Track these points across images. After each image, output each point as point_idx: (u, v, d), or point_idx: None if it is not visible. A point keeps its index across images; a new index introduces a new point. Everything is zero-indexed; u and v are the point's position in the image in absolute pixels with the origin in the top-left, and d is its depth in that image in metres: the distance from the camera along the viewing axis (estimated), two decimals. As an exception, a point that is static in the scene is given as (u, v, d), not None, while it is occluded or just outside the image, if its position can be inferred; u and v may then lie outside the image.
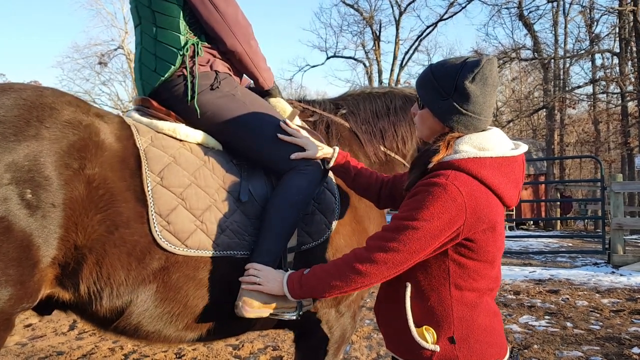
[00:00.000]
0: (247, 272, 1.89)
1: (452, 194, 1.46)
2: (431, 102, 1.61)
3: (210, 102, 2.12)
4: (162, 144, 1.97)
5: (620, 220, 8.63)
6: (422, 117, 1.68)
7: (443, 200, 1.46)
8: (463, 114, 1.56)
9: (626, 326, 5.00)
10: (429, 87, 1.61)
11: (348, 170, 2.12)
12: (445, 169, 1.54)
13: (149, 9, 2.10)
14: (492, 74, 1.56)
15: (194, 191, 1.94)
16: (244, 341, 4.55)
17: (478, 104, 1.55)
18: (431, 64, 1.65)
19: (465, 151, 1.55)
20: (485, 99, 1.56)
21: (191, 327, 1.98)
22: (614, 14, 21.15)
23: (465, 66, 1.54)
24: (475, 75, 1.53)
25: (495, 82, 1.58)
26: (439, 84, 1.58)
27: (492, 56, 1.58)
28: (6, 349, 4.33)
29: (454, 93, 1.55)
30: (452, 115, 1.58)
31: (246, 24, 2.18)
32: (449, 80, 1.56)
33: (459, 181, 1.49)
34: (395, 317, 1.63)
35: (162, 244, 1.82)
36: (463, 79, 1.53)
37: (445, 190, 1.47)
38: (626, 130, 22.08)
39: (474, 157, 1.53)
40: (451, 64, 1.58)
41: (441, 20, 28.00)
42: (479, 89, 1.54)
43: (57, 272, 1.71)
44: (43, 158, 1.62)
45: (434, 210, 1.46)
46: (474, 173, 1.51)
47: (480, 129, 1.60)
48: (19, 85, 1.77)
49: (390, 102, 2.73)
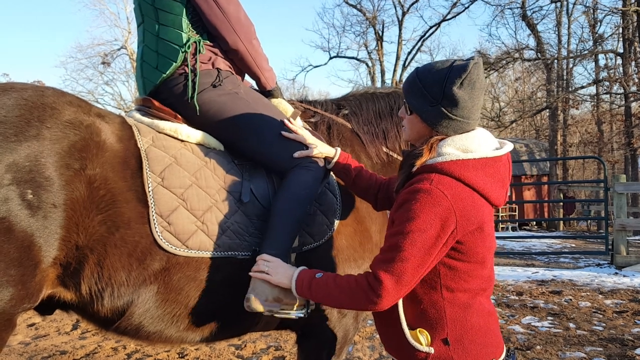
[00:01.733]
0: (257, 263, 1.88)
1: (438, 199, 1.47)
2: (419, 108, 1.61)
3: (212, 100, 2.12)
4: (163, 145, 1.97)
5: (623, 221, 8.60)
6: (411, 122, 1.68)
7: (430, 206, 1.46)
8: (452, 119, 1.57)
9: (629, 327, 4.98)
10: (416, 94, 1.61)
11: (349, 171, 2.13)
12: (429, 172, 1.55)
13: (152, 7, 2.11)
14: (479, 78, 1.56)
15: (195, 192, 1.94)
16: (246, 341, 4.55)
17: (467, 109, 1.56)
18: (417, 69, 1.65)
19: (448, 154, 1.56)
20: (474, 103, 1.57)
21: (192, 328, 1.98)
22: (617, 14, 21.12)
23: (452, 71, 1.54)
24: (464, 80, 1.53)
25: (483, 85, 1.58)
26: (426, 90, 1.58)
27: (478, 58, 1.58)
28: (9, 348, 4.34)
29: (442, 99, 1.55)
30: (441, 121, 1.58)
31: (248, 23, 2.18)
32: (436, 87, 1.55)
33: (442, 185, 1.49)
34: (390, 321, 1.63)
35: (162, 245, 1.82)
36: (451, 85, 1.53)
37: (430, 195, 1.47)
38: (629, 131, 22.02)
39: (457, 160, 1.54)
40: (437, 69, 1.58)
41: (444, 20, 28.01)
42: (467, 94, 1.54)
43: (58, 273, 1.71)
44: (44, 158, 1.62)
45: (425, 218, 1.46)
46: (457, 175, 1.52)
47: (468, 131, 1.60)
48: (20, 85, 1.77)
49: (393, 103, 2.72)
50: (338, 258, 2.21)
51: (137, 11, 2.21)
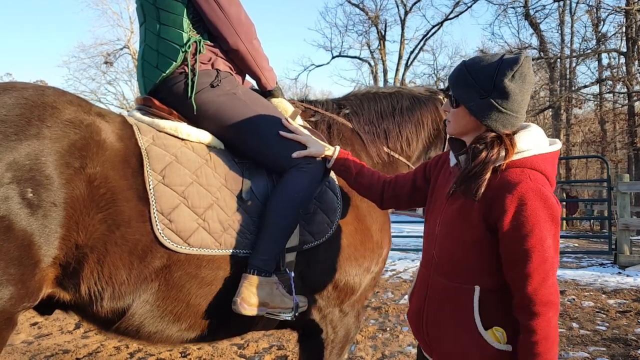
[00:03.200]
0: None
1: (546, 196, 1.45)
2: (468, 100, 1.57)
3: (211, 100, 2.12)
4: (163, 143, 1.97)
5: (626, 220, 8.57)
6: (457, 115, 1.63)
7: (545, 206, 1.44)
8: (502, 112, 1.53)
9: (633, 327, 4.97)
10: (464, 86, 1.57)
11: (349, 169, 2.11)
12: (518, 168, 1.51)
13: (154, 6, 2.12)
14: (529, 72, 1.54)
15: (196, 189, 1.94)
16: (248, 340, 4.55)
17: (516, 102, 1.53)
18: (464, 61, 1.62)
19: (529, 149, 1.54)
20: (523, 97, 1.54)
21: (194, 327, 1.98)
22: (621, 13, 21.02)
23: (504, 64, 1.51)
24: (515, 73, 1.50)
25: (532, 80, 1.56)
26: (476, 82, 1.54)
27: (528, 54, 1.56)
28: (12, 347, 4.35)
29: (492, 91, 1.52)
30: (490, 114, 1.54)
31: (249, 23, 2.18)
32: (487, 79, 1.53)
33: (541, 180, 1.48)
34: (455, 322, 1.57)
35: (164, 242, 1.82)
36: (502, 77, 1.50)
37: (541, 195, 1.44)
38: (633, 130, 21.93)
39: (539, 154, 1.54)
40: (488, 61, 1.55)
41: (447, 19, 27.92)
42: (518, 87, 1.52)
43: (58, 272, 1.71)
44: (44, 157, 1.62)
45: (545, 225, 1.43)
46: (542, 170, 1.51)
47: (516, 126, 1.58)
48: (20, 85, 1.77)
49: (396, 103, 2.72)
50: (339, 257, 2.21)
51: (140, 11, 2.22)
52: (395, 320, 5.28)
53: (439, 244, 1.65)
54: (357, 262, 2.26)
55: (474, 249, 1.54)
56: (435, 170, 1.87)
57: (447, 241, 1.62)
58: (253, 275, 1.94)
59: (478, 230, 1.53)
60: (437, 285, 1.65)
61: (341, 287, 2.23)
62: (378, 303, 6.04)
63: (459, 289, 1.57)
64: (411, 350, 4.33)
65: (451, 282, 1.59)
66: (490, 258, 1.53)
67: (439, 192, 1.75)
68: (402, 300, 6.17)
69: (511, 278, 1.48)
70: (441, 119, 2.89)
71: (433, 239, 1.69)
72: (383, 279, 7.53)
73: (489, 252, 1.52)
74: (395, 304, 5.92)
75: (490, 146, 1.53)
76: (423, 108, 2.80)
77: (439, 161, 1.89)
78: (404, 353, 4.26)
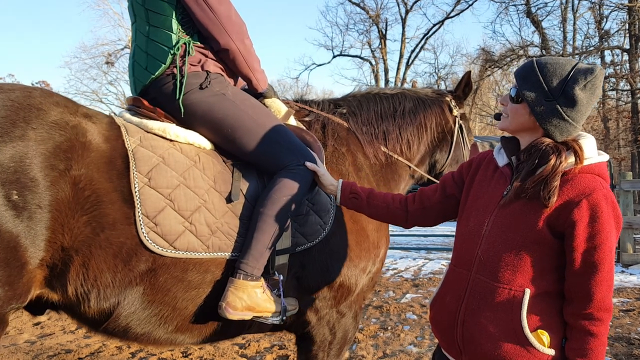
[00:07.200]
0: None
1: (616, 204, 1.46)
2: (533, 100, 1.52)
3: (200, 101, 2.09)
4: (151, 144, 1.95)
5: (629, 219, 8.50)
6: (516, 111, 1.59)
7: (615, 214, 1.45)
8: (564, 119, 1.50)
9: (636, 326, 4.94)
10: (533, 84, 1.53)
11: (359, 195, 2.00)
12: (588, 174, 1.50)
13: (143, 7, 2.09)
14: (600, 86, 1.51)
15: (183, 192, 1.91)
16: (250, 340, 4.54)
17: (580, 112, 1.50)
18: (536, 59, 1.57)
19: (592, 156, 1.52)
20: (587, 109, 1.51)
21: (181, 330, 1.96)
22: (623, 10, 20.96)
23: (577, 71, 1.48)
24: (587, 83, 1.47)
25: (599, 95, 1.54)
26: (545, 83, 1.50)
27: (602, 68, 1.53)
28: (16, 347, 4.38)
29: (560, 96, 1.49)
30: (552, 119, 1.51)
31: (240, 22, 2.16)
32: (557, 82, 1.49)
33: (608, 189, 1.47)
34: (498, 324, 1.53)
35: (149, 246, 1.80)
36: (574, 84, 1.47)
37: (612, 203, 1.45)
38: (636, 128, 21.85)
39: (600, 162, 1.53)
40: (561, 65, 1.51)
41: (448, 18, 27.92)
42: (587, 98, 1.49)
43: (46, 273, 1.70)
44: (29, 159, 1.61)
45: (612, 232, 1.44)
46: (606, 177, 1.51)
47: (572, 136, 1.54)
48: (7, 86, 1.77)
49: (398, 104, 2.69)
50: (333, 258, 2.18)
51: (130, 11, 2.20)
52: (397, 319, 5.26)
53: (487, 244, 1.59)
54: (353, 263, 2.23)
55: (530, 252, 1.51)
56: (470, 171, 1.82)
57: (498, 242, 1.57)
58: (239, 279, 1.91)
59: (540, 234, 1.49)
60: (479, 286, 1.59)
61: (337, 288, 2.21)
62: (379, 302, 6.02)
63: (506, 291, 1.53)
64: (412, 349, 4.31)
65: (498, 283, 1.54)
66: (545, 261, 1.50)
67: (482, 191, 1.70)
68: (404, 299, 6.14)
69: (575, 284, 1.47)
70: (447, 122, 2.84)
71: (477, 238, 1.63)
72: (384, 278, 7.51)
73: (545, 256, 1.50)
74: (397, 303, 5.90)
75: (558, 152, 1.50)
76: (427, 110, 2.76)
77: (473, 162, 1.84)
78: (405, 352, 4.24)
